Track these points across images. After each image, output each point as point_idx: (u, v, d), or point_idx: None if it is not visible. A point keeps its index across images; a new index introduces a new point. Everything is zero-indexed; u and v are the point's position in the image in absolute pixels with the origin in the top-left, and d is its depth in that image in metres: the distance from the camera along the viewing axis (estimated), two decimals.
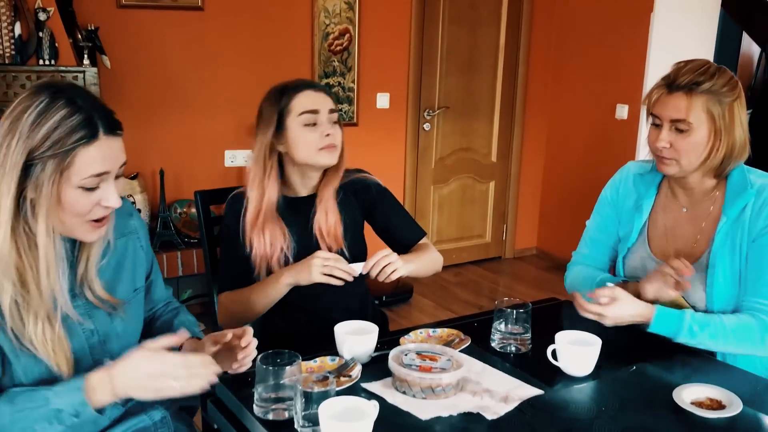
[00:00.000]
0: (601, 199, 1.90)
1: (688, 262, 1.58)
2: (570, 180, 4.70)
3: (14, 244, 1.20)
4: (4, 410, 1.18)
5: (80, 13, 3.30)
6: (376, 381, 1.42)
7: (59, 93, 1.20)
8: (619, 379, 1.49)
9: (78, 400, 1.18)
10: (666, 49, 4.12)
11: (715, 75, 1.61)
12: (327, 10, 3.98)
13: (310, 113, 1.77)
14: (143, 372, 1.20)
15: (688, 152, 1.62)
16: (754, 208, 1.62)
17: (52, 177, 1.18)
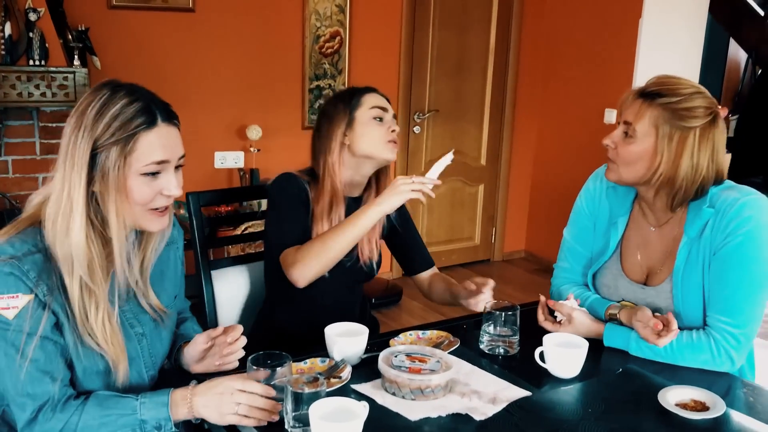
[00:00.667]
0: (577, 209, 1.87)
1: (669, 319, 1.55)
2: (559, 183, 4.73)
3: (86, 236, 1.27)
4: (94, 413, 1.27)
5: (71, 13, 3.30)
6: (366, 382, 1.44)
7: (119, 87, 1.29)
8: (605, 381, 1.51)
9: (163, 415, 1.28)
10: (654, 54, 4.16)
11: (685, 96, 1.56)
12: (318, 12, 4.00)
13: (380, 109, 1.87)
14: (214, 390, 1.29)
15: (624, 159, 1.60)
16: (715, 224, 1.58)
17: (116, 163, 1.25)
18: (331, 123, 1.88)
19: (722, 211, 1.57)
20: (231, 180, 3.96)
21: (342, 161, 1.86)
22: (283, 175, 1.89)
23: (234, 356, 1.43)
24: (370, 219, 1.73)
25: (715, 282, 1.59)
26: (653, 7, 4.09)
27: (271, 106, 4.00)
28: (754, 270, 1.56)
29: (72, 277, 1.26)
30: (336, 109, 1.88)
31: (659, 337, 1.54)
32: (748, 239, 1.54)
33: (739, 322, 1.56)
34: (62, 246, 1.26)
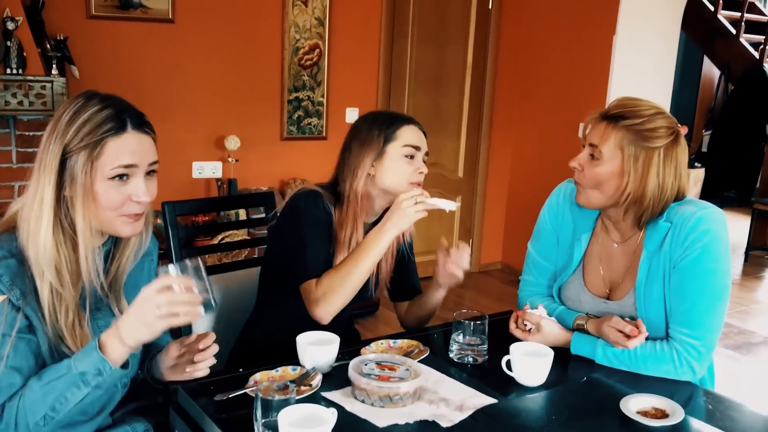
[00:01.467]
0: (540, 224, 1.90)
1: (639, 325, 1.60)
2: (534, 196, 4.78)
3: (53, 237, 1.29)
4: (34, 386, 1.26)
5: (49, 22, 3.31)
6: (336, 390, 1.46)
7: (94, 95, 1.33)
8: (570, 389, 1.54)
9: (96, 359, 1.25)
10: (628, 70, 4.25)
11: (647, 117, 1.59)
12: (297, 25, 4.03)
13: (414, 148, 1.83)
14: (137, 305, 1.25)
15: (592, 181, 1.63)
16: (673, 238, 1.62)
17: (84, 167, 1.28)
18: (362, 148, 1.83)
19: (680, 225, 1.61)
20: (209, 190, 3.97)
21: (367, 189, 1.84)
22: (310, 194, 1.82)
23: (205, 363, 1.45)
24: (383, 245, 1.72)
25: (675, 295, 1.63)
26: (627, 24, 4.18)
27: (249, 117, 4.02)
28: (713, 282, 1.60)
29: (42, 280, 1.28)
30: (370, 134, 1.83)
31: (629, 339, 1.59)
32: (705, 252, 1.59)
33: (700, 333, 1.60)
34: (33, 249, 1.28)
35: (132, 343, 1.26)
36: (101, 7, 3.49)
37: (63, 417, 1.26)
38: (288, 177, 4.17)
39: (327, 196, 1.83)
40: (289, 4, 3.98)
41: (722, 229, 1.61)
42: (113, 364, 1.25)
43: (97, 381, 1.25)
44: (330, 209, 1.82)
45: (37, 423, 1.25)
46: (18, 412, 1.25)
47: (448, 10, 4.55)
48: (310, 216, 1.80)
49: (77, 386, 1.24)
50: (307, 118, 4.21)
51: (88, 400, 1.27)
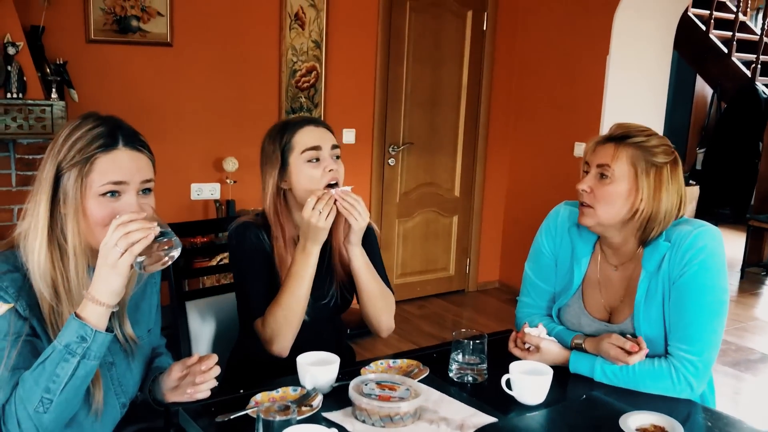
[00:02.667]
0: (538, 247, 1.90)
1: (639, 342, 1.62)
2: (531, 215, 4.80)
3: (49, 254, 1.31)
4: (25, 376, 1.26)
5: (49, 47, 3.34)
6: (337, 410, 1.47)
7: (91, 115, 1.35)
8: (569, 407, 1.55)
9: (76, 326, 1.25)
10: (622, 89, 4.29)
11: (650, 135, 1.66)
12: (294, 48, 4.07)
13: (313, 150, 1.77)
14: (99, 261, 1.25)
15: (605, 200, 1.64)
16: (671, 257, 1.65)
17: (75, 184, 1.30)
18: (266, 166, 1.81)
19: (677, 243, 1.64)
20: (207, 211, 3.98)
21: (286, 206, 1.81)
22: (239, 228, 1.83)
23: (206, 385, 1.45)
24: (311, 265, 1.70)
25: (674, 311, 1.65)
26: (620, 44, 4.23)
27: (247, 139, 4.04)
28: (710, 298, 1.63)
29: (41, 295, 1.30)
30: (269, 150, 1.80)
31: (629, 356, 1.60)
32: (703, 268, 1.62)
33: (698, 349, 1.61)
34: (31, 265, 1.31)
35: (106, 297, 1.25)
36: (100, 32, 3.52)
37: (62, 399, 1.25)
38: None
39: (258, 222, 1.83)
40: (286, 26, 4.03)
41: (719, 246, 1.64)
42: (95, 327, 1.25)
43: (83, 348, 1.24)
44: (262, 235, 1.81)
45: (36, 409, 1.24)
46: (16, 405, 1.25)
47: (443, 31, 4.61)
48: (240, 251, 1.81)
49: (65, 359, 1.24)
50: None
51: (81, 373, 1.25)
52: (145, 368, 1.57)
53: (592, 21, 4.31)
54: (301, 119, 1.84)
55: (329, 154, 1.79)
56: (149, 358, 1.61)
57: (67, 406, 1.27)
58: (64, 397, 1.25)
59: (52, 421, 1.26)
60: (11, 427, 1.25)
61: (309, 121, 1.83)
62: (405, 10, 4.43)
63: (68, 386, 1.24)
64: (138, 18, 3.61)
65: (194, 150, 3.89)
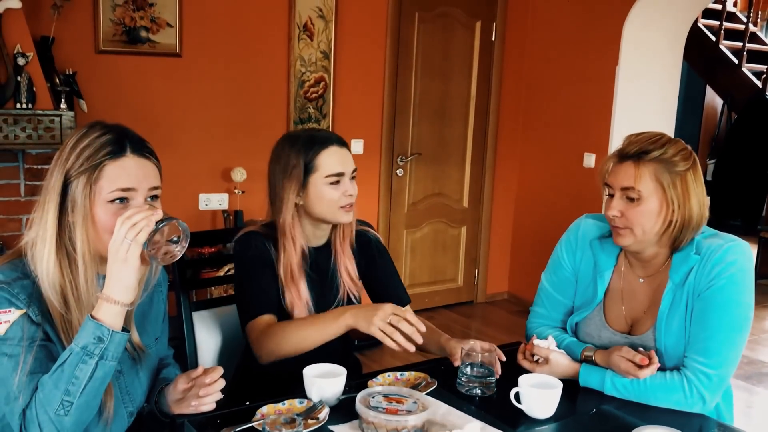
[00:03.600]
0: (557, 259, 1.88)
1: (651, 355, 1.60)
2: (540, 226, 4.79)
3: (58, 263, 1.31)
4: (44, 380, 1.25)
5: (59, 57, 3.35)
6: (344, 423, 1.45)
7: (98, 123, 1.36)
8: (580, 421, 1.53)
9: (92, 327, 1.25)
10: (631, 100, 4.27)
11: (665, 145, 1.61)
12: (303, 58, 4.08)
13: (336, 176, 1.79)
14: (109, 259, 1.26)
15: (640, 221, 1.61)
16: (699, 269, 1.63)
17: (84, 191, 1.30)
18: (284, 178, 1.79)
19: (707, 256, 1.62)
20: (215, 222, 3.98)
21: (298, 220, 1.82)
22: (245, 236, 1.84)
23: (211, 398, 1.44)
24: (337, 331, 1.64)
25: (696, 323, 1.63)
26: (630, 54, 4.21)
27: (255, 149, 4.04)
28: (735, 313, 1.60)
29: (51, 303, 1.31)
30: (290, 163, 1.79)
31: (640, 369, 1.58)
32: (730, 283, 1.60)
33: (715, 363, 1.59)
34: (40, 273, 1.31)
35: (121, 295, 1.26)
36: (109, 42, 3.54)
37: (82, 402, 1.25)
38: None
39: (265, 232, 1.83)
40: (294, 37, 4.04)
41: (748, 262, 1.63)
42: (111, 327, 1.25)
43: (100, 349, 1.24)
44: (268, 246, 1.81)
45: (57, 413, 1.24)
46: (37, 409, 1.24)
47: (451, 43, 4.61)
48: (244, 257, 1.82)
49: (83, 361, 1.24)
50: None
51: (99, 374, 1.25)
52: (152, 378, 1.57)
53: (601, 31, 4.30)
54: (326, 137, 1.83)
55: (349, 177, 1.83)
56: (156, 369, 1.61)
57: (86, 408, 1.27)
58: (84, 400, 1.25)
59: (72, 425, 1.26)
60: (32, 430, 1.25)
61: (333, 140, 1.82)
62: (414, 21, 4.44)
63: (88, 388, 1.25)
64: (147, 29, 3.62)
65: (202, 160, 3.89)
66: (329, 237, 1.92)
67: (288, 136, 1.86)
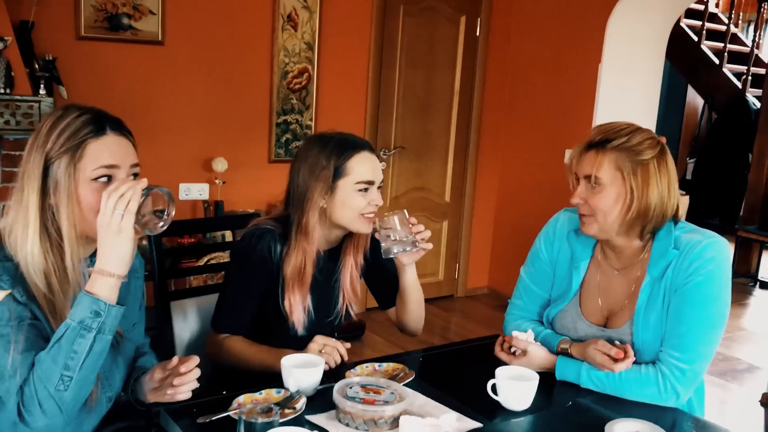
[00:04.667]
0: (536, 252, 1.89)
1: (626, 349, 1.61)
2: (521, 221, 4.81)
3: (41, 247, 1.31)
4: (41, 356, 1.25)
5: (39, 43, 3.31)
6: (321, 413, 1.45)
7: (72, 106, 1.36)
8: (555, 413, 1.54)
9: (88, 302, 1.25)
10: (613, 98, 4.30)
11: (630, 133, 1.62)
12: (287, 49, 4.06)
13: (367, 183, 1.76)
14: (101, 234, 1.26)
15: (601, 209, 1.62)
16: (677, 264, 1.63)
17: (67, 171, 1.30)
18: (311, 178, 1.75)
19: (686, 251, 1.63)
20: (195, 211, 3.96)
21: (318, 223, 1.77)
22: (255, 234, 1.77)
23: (186, 387, 1.43)
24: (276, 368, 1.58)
25: (672, 318, 1.64)
26: (613, 51, 4.24)
27: (237, 139, 4.03)
28: (711, 309, 1.61)
29: (36, 286, 1.30)
30: (319, 164, 1.74)
31: (615, 363, 1.59)
32: (708, 279, 1.60)
33: (689, 358, 1.60)
34: (22, 257, 1.30)
35: (115, 266, 1.26)
36: (91, 29, 3.49)
37: (81, 376, 1.25)
38: (275, 199, 4.17)
39: (278, 230, 1.79)
40: (278, 28, 4.01)
41: (726, 259, 1.64)
42: (107, 301, 1.26)
43: (98, 323, 1.25)
44: (276, 247, 1.77)
45: (57, 388, 1.24)
46: (36, 385, 1.24)
47: (436, 37, 4.61)
48: (243, 260, 1.78)
49: (81, 335, 1.24)
50: (296, 141, 4.22)
51: (98, 348, 1.26)
52: (129, 366, 1.56)
53: (585, 28, 4.32)
54: (359, 142, 1.80)
55: (377, 186, 1.80)
56: (133, 357, 1.60)
57: (85, 383, 1.28)
58: (83, 374, 1.26)
59: (72, 399, 1.26)
60: (32, 408, 1.24)
61: (366, 146, 1.80)
62: (398, 15, 4.43)
63: (87, 362, 1.25)
64: (129, 16, 3.58)
65: (183, 150, 3.86)
66: (342, 243, 1.88)
67: (318, 137, 1.82)
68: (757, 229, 5.80)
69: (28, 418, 1.25)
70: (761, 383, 3.84)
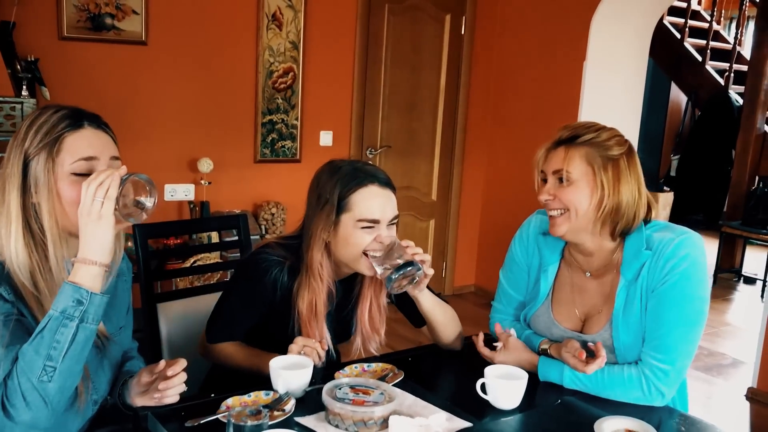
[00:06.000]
0: (511, 255, 1.87)
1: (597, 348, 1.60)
2: (507, 219, 4.82)
3: (25, 246, 1.30)
4: (24, 349, 1.24)
5: (20, 43, 3.28)
6: (310, 415, 1.44)
7: (51, 105, 1.36)
8: (544, 411, 1.54)
9: (70, 291, 1.24)
10: (598, 95, 4.32)
11: (599, 130, 1.61)
12: (272, 48, 4.05)
13: (370, 222, 1.63)
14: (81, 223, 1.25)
15: (572, 201, 1.60)
16: (651, 265, 1.60)
17: (45, 166, 1.30)
18: (316, 209, 1.65)
19: (659, 251, 1.60)
20: (181, 213, 3.93)
21: (327, 257, 1.67)
22: (267, 264, 1.68)
23: (173, 390, 1.43)
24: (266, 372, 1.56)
25: (651, 319, 1.61)
26: (597, 50, 4.26)
27: (223, 140, 4.01)
28: (690, 308, 1.59)
29: (23, 286, 1.30)
30: (325, 193, 1.63)
31: (587, 364, 1.58)
32: (684, 278, 1.58)
33: (671, 358, 1.58)
34: (6, 256, 1.30)
35: (97, 254, 1.26)
36: (73, 29, 3.46)
37: (65, 367, 1.23)
38: (261, 200, 4.16)
39: (289, 260, 1.69)
40: (263, 27, 4.00)
41: (701, 254, 1.61)
42: (90, 289, 1.25)
43: (80, 312, 1.24)
44: (283, 281, 1.68)
45: (41, 378, 1.22)
46: (19, 377, 1.22)
47: (421, 35, 4.61)
48: (248, 283, 1.71)
49: (63, 325, 1.23)
50: (281, 141, 4.21)
51: (81, 337, 1.24)
52: (116, 370, 1.55)
53: (569, 27, 4.34)
54: (370, 174, 1.65)
55: (386, 224, 1.66)
56: (120, 361, 1.59)
57: (70, 374, 1.26)
58: (67, 365, 1.24)
59: (57, 391, 1.24)
60: (15, 401, 1.23)
61: (377, 178, 1.65)
62: (383, 13, 4.43)
63: (70, 352, 1.23)
64: (112, 16, 3.56)
65: (168, 150, 3.84)
66: (356, 274, 1.77)
67: (331, 165, 1.69)
68: (741, 224, 5.85)
69: (12, 412, 1.23)
70: (746, 378, 3.88)
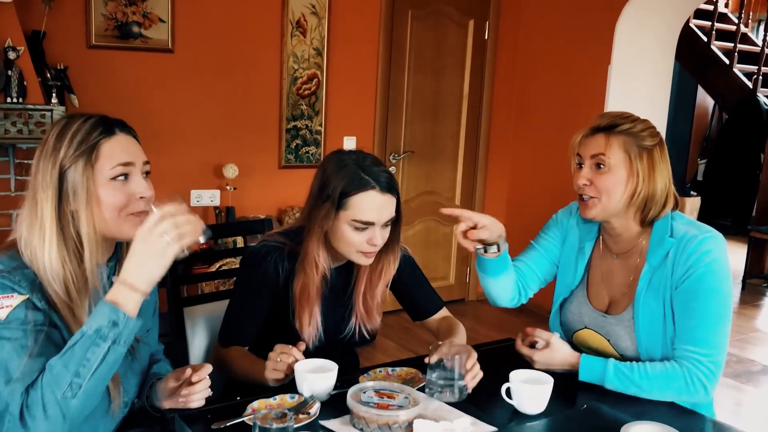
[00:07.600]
0: (554, 219, 1.97)
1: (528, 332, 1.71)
2: (531, 225, 4.78)
3: (59, 254, 1.31)
4: (53, 362, 1.24)
5: (50, 52, 3.34)
6: (335, 418, 1.45)
7: (74, 114, 1.38)
8: (571, 417, 1.53)
9: (107, 311, 1.24)
10: (623, 99, 4.28)
11: (635, 121, 1.69)
12: (296, 55, 4.07)
13: (363, 224, 1.67)
14: (139, 247, 1.25)
15: (607, 190, 1.66)
16: (676, 255, 1.66)
17: (84, 174, 1.32)
18: (317, 200, 1.70)
19: (683, 244, 1.66)
20: (206, 218, 3.96)
21: (323, 246, 1.73)
22: (262, 251, 1.75)
23: (198, 395, 1.44)
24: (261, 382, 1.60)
25: (679, 314, 1.65)
26: (622, 54, 4.23)
27: (247, 146, 4.04)
28: (716, 301, 1.63)
29: (55, 295, 1.31)
30: (325, 189, 1.69)
31: (533, 353, 1.67)
32: (708, 272, 1.62)
33: (707, 350, 1.61)
34: (40, 266, 1.31)
35: (144, 284, 1.25)
36: (101, 37, 3.52)
37: (90, 385, 1.23)
38: (286, 205, 4.18)
39: (288, 246, 1.76)
40: (287, 34, 4.03)
41: (723, 253, 1.66)
42: (128, 314, 1.25)
43: (114, 333, 1.23)
44: (283, 265, 1.74)
45: (65, 394, 1.22)
46: (43, 390, 1.23)
47: (444, 40, 4.61)
48: (248, 276, 1.78)
49: (95, 344, 1.23)
50: (305, 147, 4.23)
51: (111, 358, 1.24)
52: (144, 372, 1.56)
53: (594, 31, 4.31)
54: (373, 176, 1.67)
55: (380, 226, 1.69)
56: (147, 363, 1.60)
57: (93, 392, 1.26)
58: (93, 384, 1.24)
59: (77, 408, 1.24)
60: (36, 412, 1.23)
61: (379, 182, 1.66)
62: (407, 19, 4.44)
63: (98, 371, 1.24)
64: (139, 24, 3.61)
65: (194, 156, 3.88)
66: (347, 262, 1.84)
67: (338, 157, 1.73)
68: None
69: (30, 422, 1.24)
70: None
